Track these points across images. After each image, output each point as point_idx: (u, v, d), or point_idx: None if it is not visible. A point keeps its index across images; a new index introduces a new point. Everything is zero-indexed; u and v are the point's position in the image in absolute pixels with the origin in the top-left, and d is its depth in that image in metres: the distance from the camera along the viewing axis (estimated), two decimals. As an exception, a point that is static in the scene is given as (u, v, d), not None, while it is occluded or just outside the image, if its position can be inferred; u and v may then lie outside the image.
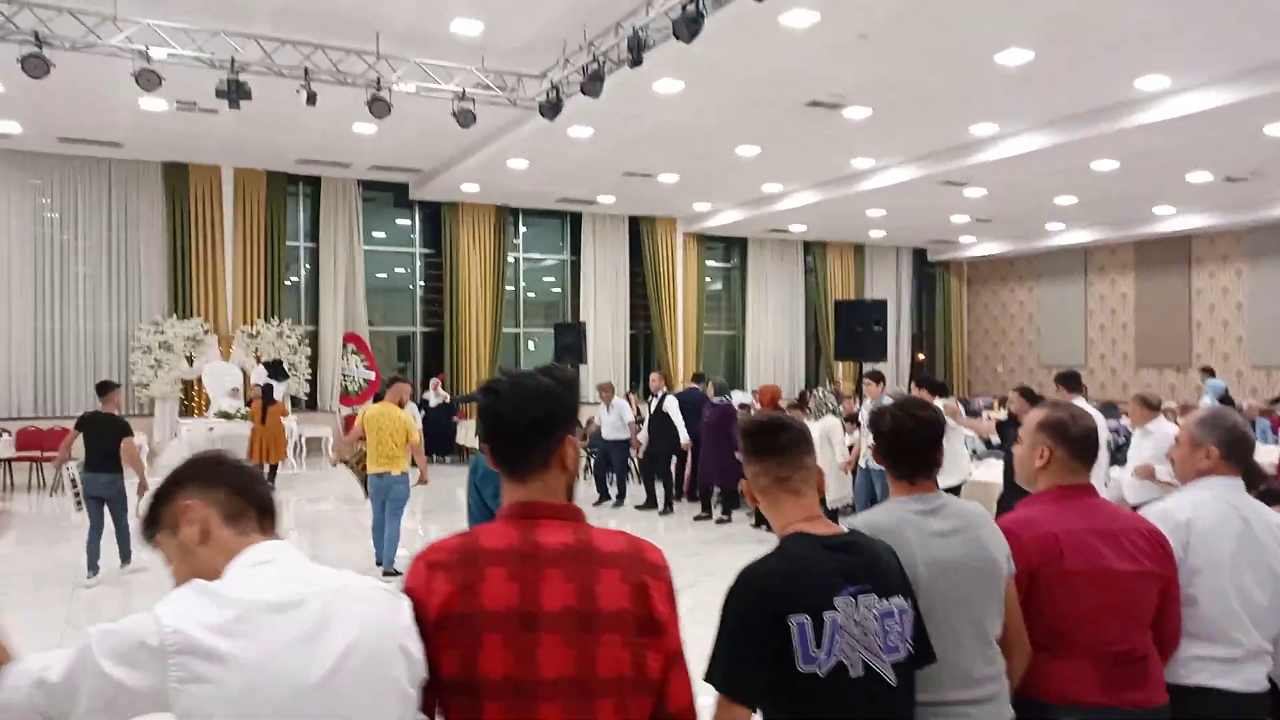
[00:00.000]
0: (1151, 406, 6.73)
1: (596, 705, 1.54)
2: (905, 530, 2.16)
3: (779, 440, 2.06)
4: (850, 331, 16.96)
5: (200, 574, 1.52)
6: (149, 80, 8.63)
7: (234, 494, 1.62)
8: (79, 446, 7.67)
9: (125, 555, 7.68)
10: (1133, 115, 10.36)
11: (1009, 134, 11.82)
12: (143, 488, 7.52)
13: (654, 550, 1.69)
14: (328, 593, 1.49)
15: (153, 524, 1.63)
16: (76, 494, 7.64)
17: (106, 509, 7.58)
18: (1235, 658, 2.48)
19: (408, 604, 1.56)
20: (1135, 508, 3.63)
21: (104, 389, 7.90)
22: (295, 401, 15.09)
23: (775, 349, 20.71)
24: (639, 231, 18.85)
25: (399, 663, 1.49)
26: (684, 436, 11.02)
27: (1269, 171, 13.00)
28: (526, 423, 1.66)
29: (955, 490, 7.11)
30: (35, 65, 8.16)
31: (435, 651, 1.54)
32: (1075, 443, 2.45)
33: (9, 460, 12.47)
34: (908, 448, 2.29)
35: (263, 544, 1.58)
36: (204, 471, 1.64)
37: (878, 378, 9.08)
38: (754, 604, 1.86)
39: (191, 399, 14.63)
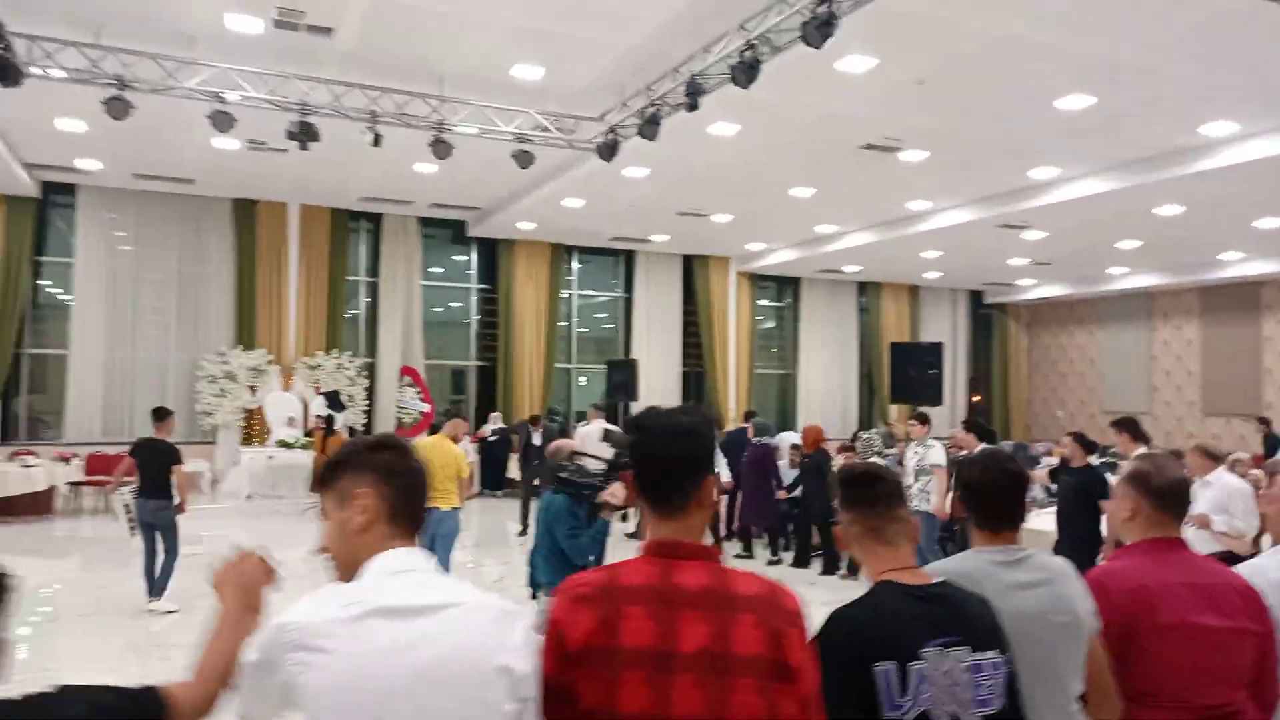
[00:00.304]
0: (1212, 457, 6.52)
1: None
2: (984, 580, 2.15)
3: (874, 491, 2.09)
4: (905, 373, 16.87)
5: (346, 556, 1.65)
6: (223, 121, 8.97)
7: (403, 496, 1.68)
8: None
9: (160, 588, 7.60)
10: (1198, 160, 10.18)
11: (1070, 178, 11.68)
12: (179, 510, 7.66)
13: (790, 596, 1.71)
14: (441, 607, 1.57)
15: (327, 484, 1.71)
16: (130, 519, 7.78)
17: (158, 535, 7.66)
18: None
19: (523, 623, 1.63)
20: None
21: (158, 415, 7.97)
22: (352, 432, 15.35)
23: (828, 389, 20.52)
24: (692, 270, 18.93)
25: (496, 682, 1.55)
26: (725, 475, 10.95)
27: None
28: (675, 460, 1.72)
29: None
30: (117, 107, 8.55)
31: (576, 682, 1.61)
32: (1160, 495, 2.41)
33: (78, 484, 12.86)
34: (993, 499, 2.30)
35: (403, 551, 1.65)
36: (388, 464, 1.69)
37: (923, 419, 8.98)
38: (840, 647, 1.87)
39: (253, 428, 14.98)
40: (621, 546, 7.91)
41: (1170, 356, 19.24)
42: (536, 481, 12.09)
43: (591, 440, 11.18)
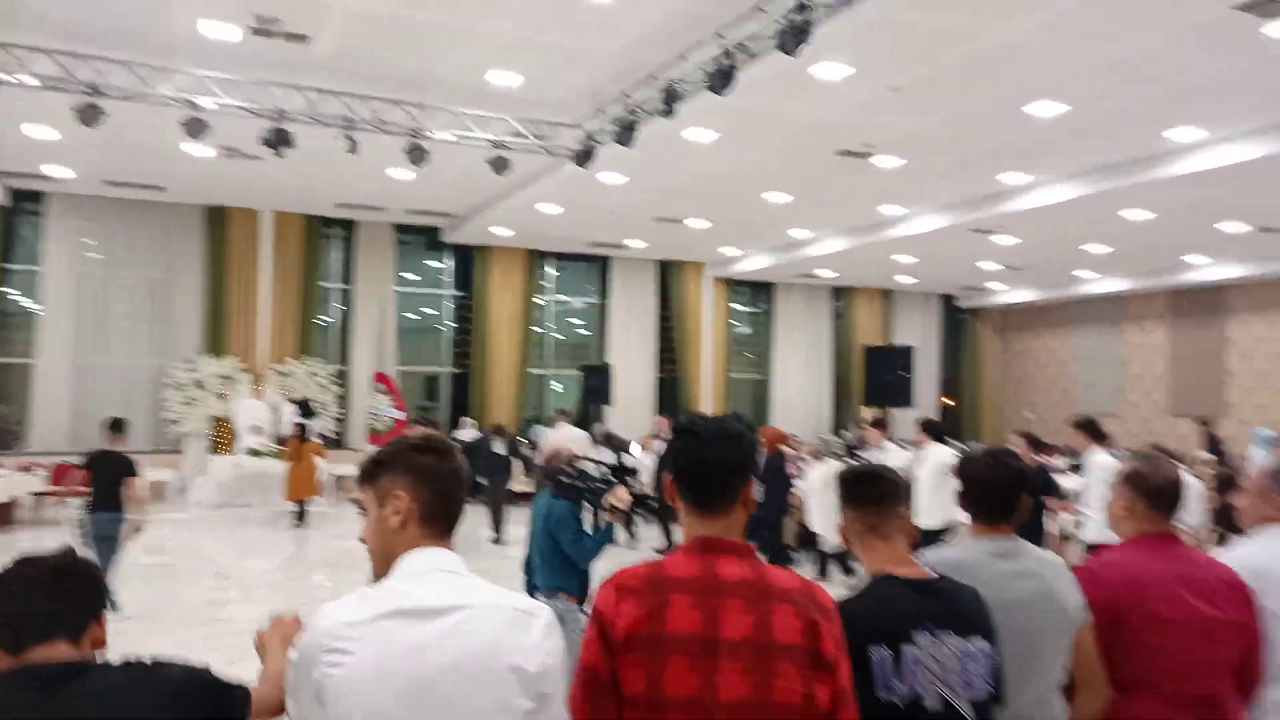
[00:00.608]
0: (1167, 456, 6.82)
1: None
2: (978, 571, 2.26)
3: (875, 490, 2.20)
4: (878, 377, 17.01)
5: (382, 551, 1.75)
6: (196, 128, 8.89)
7: (438, 498, 1.75)
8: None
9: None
10: (1166, 166, 10.36)
11: (1041, 184, 11.84)
12: (133, 528, 7.46)
13: (823, 592, 1.80)
14: (457, 608, 1.64)
15: (368, 481, 1.79)
16: (82, 533, 7.55)
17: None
18: None
19: (540, 622, 1.69)
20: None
21: (113, 426, 7.73)
22: (324, 440, 15.24)
23: (802, 394, 20.64)
24: (668, 276, 18.98)
25: (509, 681, 1.62)
26: None
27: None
28: (724, 463, 1.81)
29: (939, 533, 7.15)
30: (90, 114, 8.45)
31: (622, 669, 1.68)
32: (1154, 494, 2.55)
33: (42, 495, 12.64)
34: (994, 494, 2.41)
35: (433, 551, 1.72)
36: (426, 467, 1.76)
37: (877, 424, 9.15)
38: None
39: (222, 436, 14.82)
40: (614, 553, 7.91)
41: (1140, 359, 19.55)
42: (522, 487, 12.11)
43: (565, 445, 11.21)
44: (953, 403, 22.17)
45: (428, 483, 1.74)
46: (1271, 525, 2.71)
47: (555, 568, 4.48)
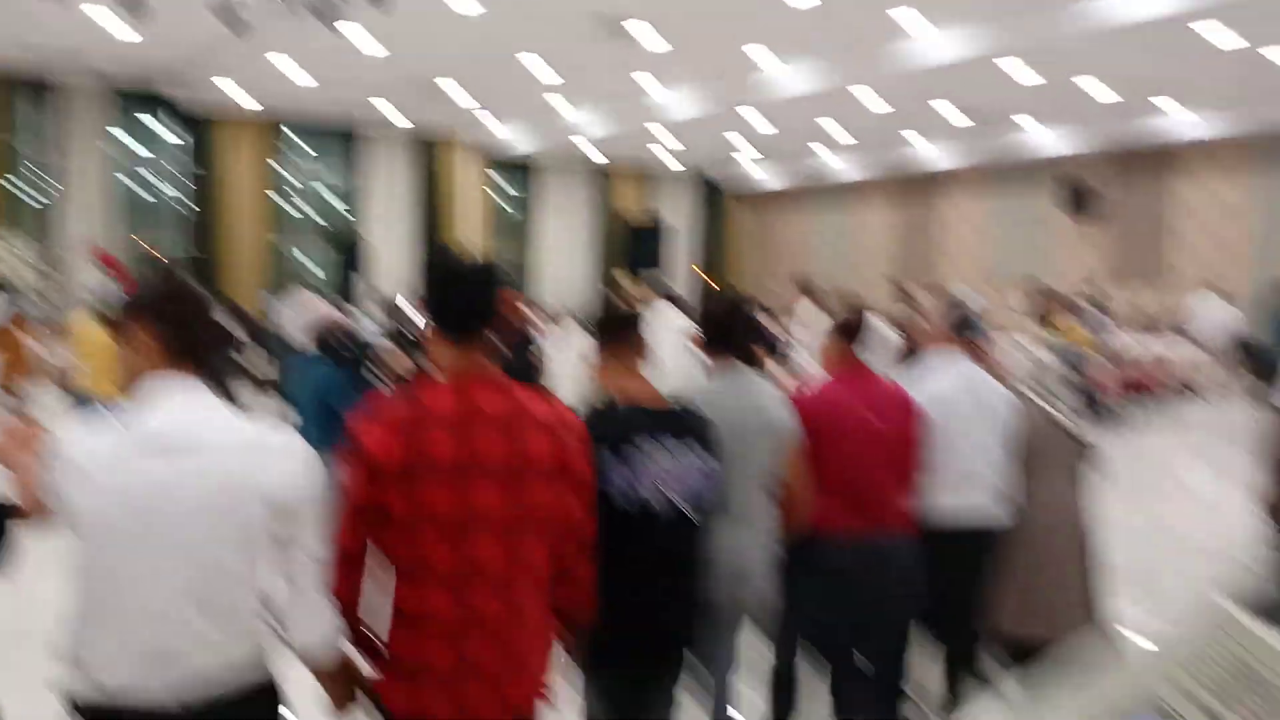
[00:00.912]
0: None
1: (523, 537, 1.88)
2: (709, 395, 2.61)
3: (615, 324, 2.46)
4: (638, 255, 17.52)
5: (123, 380, 1.81)
6: None
7: (177, 331, 1.79)
8: None
9: None
10: (897, 56, 11.16)
11: (788, 70, 12.37)
12: None
13: (573, 415, 2.00)
14: (208, 444, 1.67)
15: (116, 324, 1.88)
16: None
17: None
18: (973, 498, 3.20)
19: (295, 454, 1.75)
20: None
21: None
22: (35, 323, 13.68)
23: (565, 272, 20.87)
24: (426, 152, 18.27)
25: (259, 512, 1.67)
26: None
27: (1014, 110, 14.42)
28: (471, 289, 1.92)
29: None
30: None
31: (388, 496, 1.78)
32: (845, 333, 3.08)
33: None
34: (724, 330, 2.79)
35: (175, 381, 1.75)
36: (163, 308, 1.81)
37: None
38: None
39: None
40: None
41: (870, 238, 21.48)
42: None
43: (290, 317, 11.15)
44: (714, 285, 23.22)
45: (167, 318, 1.79)
46: (944, 352, 3.39)
47: (329, 431, 4.48)
